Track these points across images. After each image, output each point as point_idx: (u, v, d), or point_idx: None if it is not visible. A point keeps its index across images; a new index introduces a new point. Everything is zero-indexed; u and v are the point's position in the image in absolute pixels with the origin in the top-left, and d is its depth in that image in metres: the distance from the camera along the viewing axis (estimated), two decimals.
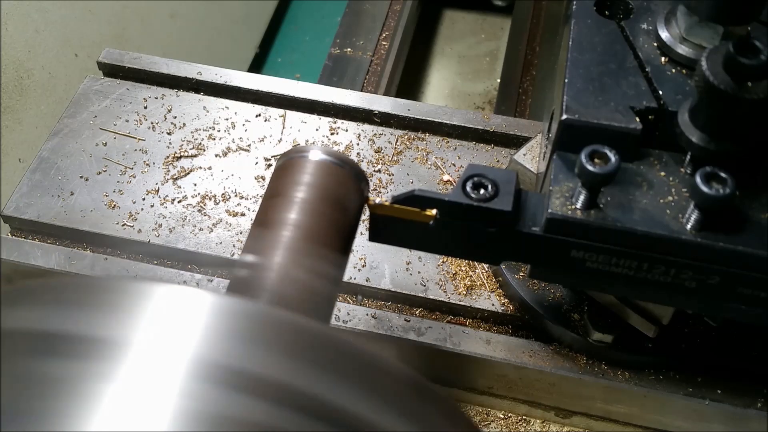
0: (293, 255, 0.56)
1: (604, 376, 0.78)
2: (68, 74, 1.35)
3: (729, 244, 0.57)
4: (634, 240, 0.58)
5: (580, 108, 0.62)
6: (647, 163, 0.62)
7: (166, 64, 1.01)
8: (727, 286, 0.60)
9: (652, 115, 0.62)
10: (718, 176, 0.55)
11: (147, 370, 0.35)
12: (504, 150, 0.96)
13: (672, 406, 0.78)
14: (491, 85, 1.86)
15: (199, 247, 0.86)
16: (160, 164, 0.93)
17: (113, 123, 0.97)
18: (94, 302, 0.38)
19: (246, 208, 0.89)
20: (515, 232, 0.62)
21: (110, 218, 0.88)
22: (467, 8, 2.01)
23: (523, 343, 0.80)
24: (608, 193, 0.60)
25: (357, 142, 0.96)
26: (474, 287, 0.83)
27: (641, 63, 0.65)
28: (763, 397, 0.77)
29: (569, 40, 0.66)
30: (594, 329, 0.76)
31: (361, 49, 1.39)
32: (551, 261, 0.63)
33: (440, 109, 0.97)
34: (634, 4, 0.68)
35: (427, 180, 0.92)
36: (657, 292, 0.62)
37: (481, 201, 0.61)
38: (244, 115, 0.98)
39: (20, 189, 0.90)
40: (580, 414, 0.84)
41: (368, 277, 0.84)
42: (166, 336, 0.37)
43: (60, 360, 0.35)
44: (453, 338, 0.80)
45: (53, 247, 0.86)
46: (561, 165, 0.62)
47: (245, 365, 0.36)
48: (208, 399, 0.34)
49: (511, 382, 0.81)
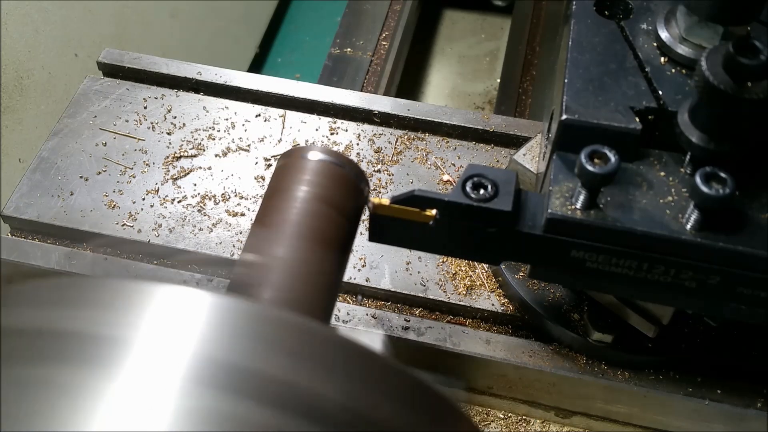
0: (294, 255, 0.56)
1: (603, 376, 0.78)
2: (68, 74, 1.35)
3: (729, 244, 0.57)
4: (633, 240, 0.58)
5: (579, 108, 0.62)
6: (647, 163, 0.62)
7: (166, 64, 1.01)
8: (726, 286, 0.60)
9: (651, 115, 0.62)
10: (718, 176, 0.55)
11: (147, 369, 0.35)
12: (504, 150, 0.96)
13: (672, 406, 0.78)
14: (491, 85, 1.86)
15: (198, 247, 0.86)
16: (160, 164, 0.93)
17: (113, 123, 0.97)
18: (94, 302, 0.38)
19: (246, 208, 0.89)
20: (515, 232, 0.62)
21: (110, 218, 0.88)
22: (467, 8, 2.01)
23: (523, 343, 0.80)
24: (608, 193, 0.60)
25: (357, 142, 0.96)
26: (474, 287, 0.83)
27: (641, 63, 0.65)
28: (762, 397, 0.77)
29: (569, 40, 0.66)
30: (594, 329, 0.76)
31: (361, 49, 1.39)
32: (551, 261, 0.63)
33: (440, 109, 0.97)
34: (633, 4, 0.68)
35: (427, 180, 0.92)
36: (657, 292, 0.62)
37: (481, 201, 0.61)
38: (243, 115, 0.98)
39: (20, 189, 0.90)
40: (580, 414, 0.84)
41: (368, 276, 0.84)
42: (167, 336, 0.37)
43: (60, 360, 0.35)
44: (453, 338, 0.80)
45: (53, 247, 0.86)
46: (561, 165, 0.62)
47: (246, 365, 0.36)
48: (209, 398, 0.34)
49: (510, 382, 0.81)
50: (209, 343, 0.36)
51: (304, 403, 0.36)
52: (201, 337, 0.37)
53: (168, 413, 0.33)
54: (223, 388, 0.35)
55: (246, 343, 0.37)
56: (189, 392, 0.34)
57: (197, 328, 0.37)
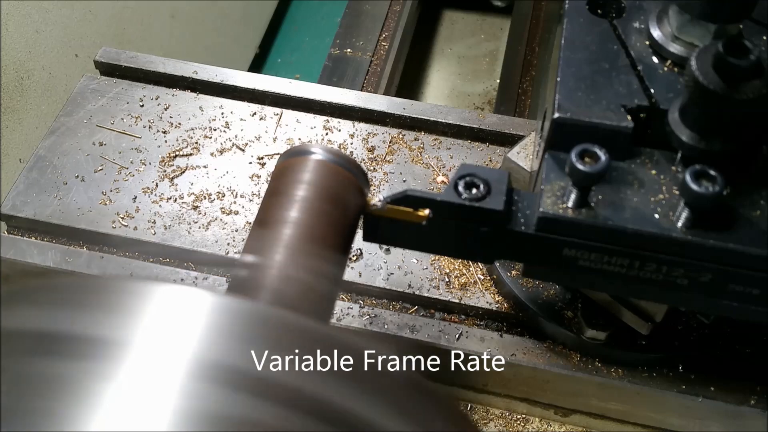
0: (294, 254, 0.56)
1: (597, 373, 0.78)
2: (68, 74, 1.35)
3: (720, 242, 0.57)
4: (625, 238, 0.58)
5: (571, 106, 0.62)
6: (639, 162, 0.62)
7: (163, 63, 1.01)
8: (718, 283, 0.60)
9: (643, 113, 0.62)
10: (708, 174, 0.55)
11: (147, 369, 0.35)
12: (499, 148, 0.96)
13: (665, 403, 0.78)
14: (491, 86, 1.86)
15: (194, 245, 0.86)
16: (156, 163, 0.93)
17: (110, 122, 0.97)
18: (94, 302, 0.38)
19: (241, 206, 0.89)
20: (507, 231, 0.62)
21: (106, 216, 0.88)
22: (467, 9, 2.01)
23: (517, 340, 0.81)
24: (599, 192, 0.60)
25: (351, 141, 0.96)
26: (468, 285, 0.84)
27: (633, 61, 0.65)
28: (756, 394, 0.77)
29: (562, 39, 0.66)
30: (587, 326, 0.76)
31: (361, 50, 1.39)
32: (544, 260, 0.63)
33: (435, 108, 0.97)
34: (626, 3, 0.68)
35: (422, 179, 0.92)
36: (649, 290, 0.62)
37: (473, 200, 0.61)
38: (239, 114, 0.98)
39: (17, 187, 0.90)
40: (579, 412, 0.84)
41: (363, 274, 0.84)
42: (167, 336, 0.37)
43: (60, 360, 0.35)
44: (447, 336, 0.80)
45: (49, 245, 0.87)
46: (552, 164, 0.62)
47: (245, 365, 0.36)
48: (208, 399, 0.34)
49: (505, 379, 0.81)
50: (210, 343, 0.36)
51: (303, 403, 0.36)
52: (201, 337, 0.37)
53: (168, 413, 0.33)
54: (223, 389, 0.35)
55: (246, 343, 0.37)
56: (189, 392, 0.34)
57: (198, 328, 0.37)
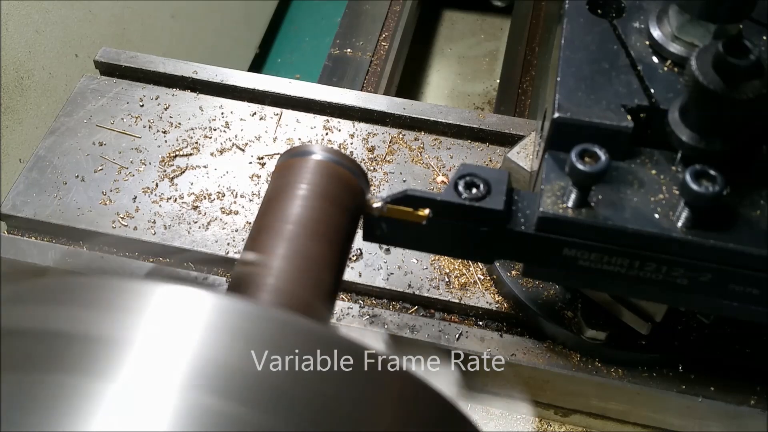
0: (294, 254, 0.56)
1: (597, 373, 0.78)
2: (68, 74, 1.35)
3: (720, 242, 0.57)
4: (625, 238, 0.58)
5: (571, 106, 0.62)
6: (639, 162, 0.62)
7: (163, 63, 1.01)
8: (718, 283, 0.60)
9: (643, 113, 0.62)
10: (708, 174, 0.54)
11: (147, 369, 0.35)
12: (499, 148, 0.96)
13: (665, 403, 0.78)
14: (491, 86, 1.86)
15: (194, 244, 0.86)
16: (156, 163, 0.93)
17: (110, 122, 0.97)
18: (94, 302, 0.38)
19: (241, 206, 0.89)
20: (507, 230, 0.62)
21: (106, 216, 0.88)
22: (467, 9, 2.01)
23: (517, 340, 0.81)
24: (599, 192, 0.60)
25: (351, 141, 0.96)
26: (468, 285, 0.84)
27: (633, 61, 0.65)
28: (756, 394, 0.77)
29: (562, 39, 0.66)
30: (587, 326, 0.76)
31: (361, 50, 1.39)
32: (544, 259, 0.63)
33: (435, 108, 0.97)
34: (626, 3, 0.68)
35: (422, 179, 0.92)
36: (649, 290, 0.62)
37: (473, 200, 0.61)
38: (239, 114, 0.98)
39: (17, 187, 0.90)
40: (579, 412, 0.84)
41: (363, 274, 0.84)
42: (167, 336, 0.36)
43: (60, 360, 0.35)
44: (447, 336, 0.80)
45: (49, 245, 0.87)
46: (552, 164, 0.62)
47: (246, 365, 0.36)
48: (208, 400, 0.34)
49: (505, 379, 0.81)
50: (210, 343, 0.36)
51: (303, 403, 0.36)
52: (202, 337, 0.36)
53: (168, 413, 0.33)
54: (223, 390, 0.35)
55: (246, 343, 0.37)
56: (189, 393, 0.34)
57: (198, 328, 0.37)
